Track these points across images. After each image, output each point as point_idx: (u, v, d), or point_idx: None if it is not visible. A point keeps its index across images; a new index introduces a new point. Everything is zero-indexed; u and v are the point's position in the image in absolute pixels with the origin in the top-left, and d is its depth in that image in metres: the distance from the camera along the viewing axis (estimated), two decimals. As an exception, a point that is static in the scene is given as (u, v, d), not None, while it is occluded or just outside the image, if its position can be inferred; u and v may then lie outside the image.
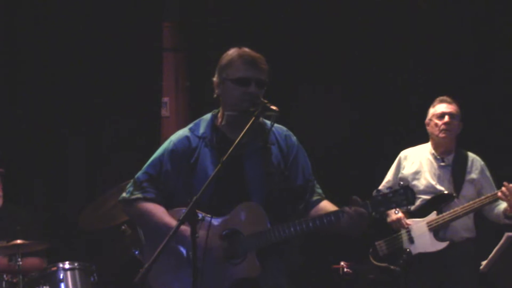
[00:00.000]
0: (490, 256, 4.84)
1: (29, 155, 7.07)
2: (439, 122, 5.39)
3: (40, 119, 7.07)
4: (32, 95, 7.09)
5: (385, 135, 6.68)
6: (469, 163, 5.41)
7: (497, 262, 4.82)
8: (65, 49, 7.05)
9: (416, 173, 5.44)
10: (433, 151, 5.47)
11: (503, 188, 5.12)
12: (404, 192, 3.50)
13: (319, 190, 3.74)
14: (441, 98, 5.48)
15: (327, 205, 3.66)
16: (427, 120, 5.49)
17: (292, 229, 3.51)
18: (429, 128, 5.48)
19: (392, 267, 5.35)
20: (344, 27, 6.76)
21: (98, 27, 7.03)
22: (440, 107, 5.43)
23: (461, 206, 5.26)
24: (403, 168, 5.50)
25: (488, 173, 5.43)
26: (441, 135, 5.40)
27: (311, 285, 6.48)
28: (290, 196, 3.68)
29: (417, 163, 5.47)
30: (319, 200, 3.70)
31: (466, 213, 5.25)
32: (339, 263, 5.94)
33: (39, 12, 7.04)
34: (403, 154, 5.58)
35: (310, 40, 6.82)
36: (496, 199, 5.20)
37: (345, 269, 5.90)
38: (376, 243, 5.45)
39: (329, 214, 3.53)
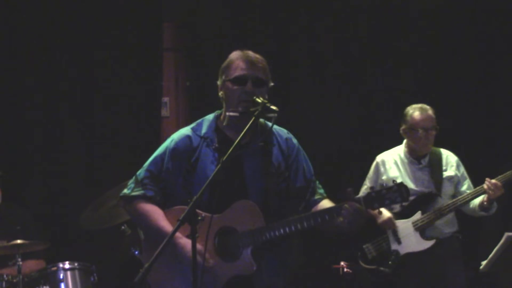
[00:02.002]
0: (490, 256, 4.84)
1: (29, 155, 7.07)
2: (421, 137, 5.39)
3: (40, 119, 7.08)
4: (33, 95, 7.09)
5: (385, 136, 6.68)
6: (444, 161, 5.46)
7: (497, 262, 4.82)
8: (65, 49, 7.05)
9: (396, 178, 5.42)
10: (408, 155, 5.50)
11: (487, 183, 5.18)
12: (398, 189, 3.51)
13: (321, 191, 3.77)
14: (420, 108, 5.43)
15: (327, 204, 3.67)
16: (404, 128, 5.47)
17: (287, 227, 3.52)
18: (406, 136, 5.49)
19: (381, 268, 5.36)
20: (344, 26, 6.77)
21: (98, 27, 7.03)
22: (421, 121, 5.39)
23: (445, 204, 5.31)
24: (382, 174, 5.52)
25: (462, 168, 5.48)
26: (422, 149, 5.43)
27: (311, 285, 6.48)
28: (290, 197, 3.69)
29: (395, 168, 5.50)
30: (320, 200, 3.72)
31: (451, 211, 5.31)
32: (339, 263, 5.95)
33: (40, 11, 7.04)
34: (379, 159, 5.59)
35: (310, 40, 6.82)
36: (481, 193, 5.25)
37: (345, 269, 5.90)
38: (364, 246, 5.47)
39: (325, 211, 3.55)
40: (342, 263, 5.93)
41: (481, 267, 4.92)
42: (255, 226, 3.54)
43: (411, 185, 5.40)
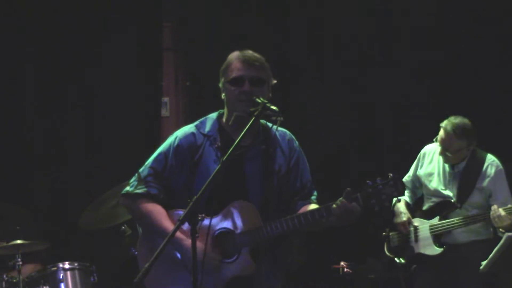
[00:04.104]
0: (490, 256, 4.84)
1: (29, 155, 7.07)
2: (441, 153, 5.32)
3: (40, 118, 7.08)
4: (33, 96, 7.10)
5: (385, 136, 6.68)
6: (483, 169, 5.31)
7: (497, 262, 4.82)
8: (65, 49, 7.05)
9: (430, 175, 5.43)
10: None
11: (492, 212, 5.11)
12: (394, 184, 3.48)
13: (313, 197, 3.76)
14: (444, 128, 5.28)
15: (312, 207, 3.65)
16: None
17: (284, 225, 3.51)
18: None
19: (396, 259, 5.41)
20: (345, 26, 6.77)
21: (98, 27, 7.04)
22: (440, 140, 5.30)
23: (457, 218, 5.25)
24: (421, 166, 5.50)
25: (502, 181, 5.31)
26: (444, 161, 5.38)
27: (311, 285, 6.48)
28: (286, 199, 3.69)
29: (433, 164, 5.45)
30: (308, 202, 3.71)
31: (461, 226, 5.25)
32: (339, 263, 5.95)
33: (39, 11, 7.04)
34: (423, 151, 5.54)
35: (311, 40, 6.83)
36: (487, 218, 5.17)
37: (345, 269, 5.91)
38: (391, 233, 5.51)
39: (319, 208, 3.54)
40: (342, 263, 5.94)
41: (481, 267, 4.92)
42: (252, 226, 3.53)
43: (440, 186, 5.38)
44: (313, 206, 3.67)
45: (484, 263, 4.88)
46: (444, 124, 5.29)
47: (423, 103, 6.50)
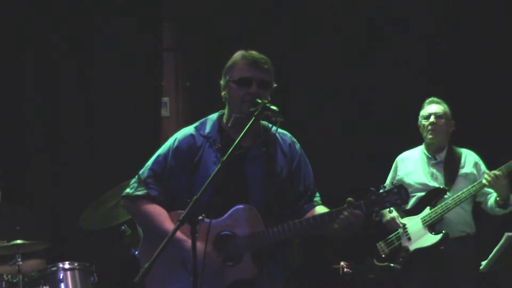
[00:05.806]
0: (490, 256, 4.85)
1: (29, 155, 7.07)
2: (426, 123, 5.46)
3: (40, 118, 7.08)
4: (33, 96, 7.10)
5: (385, 136, 6.68)
6: (463, 158, 5.48)
7: (497, 262, 4.82)
8: (65, 49, 7.06)
9: (411, 173, 5.51)
10: (425, 151, 5.53)
11: (486, 176, 5.20)
12: (398, 191, 3.50)
13: (316, 198, 3.75)
14: (429, 99, 5.55)
15: (319, 210, 3.66)
16: (418, 123, 5.55)
17: (286, 229, 3.51)
18: (420, 131, 5.56)
19: (391, 265, 5.39)
20: (343, 26, 6.77)
21: (98, 27, 7.04)
22: (427, 109, 5.51)
23: (451, 198, 5.29)
24: (399, 170, 5.59)
25: (483, 167, 5.45)
26: (429, 136, 5.47)
27: (311, 285, 6.48)
28: (289, 202, 3.69)
29: (412, 164, 5.56)
30: (312, 206, 3.71)
31: (456, 204, 5.28)
32: (339, 263, 5.95)
33: (39, 10, 7.05)
34: (399, 157, 5.66)
35: (310, 40, 6.83)
36: (482, 186, 5.26)
37: (345, 269, 5.91)
38: (377, 244, 5.48)
39: (322, 214, 3.54)
40: (342, 263, 5.94)
41: (481, 267, 4.92)
42: (254, 230, 3.53)
43: (424, 180, 5.44)
44: (319, 208, 3.67)
45: (484, 263, 4.88)
46: (424, 105, 5.53)
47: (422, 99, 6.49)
